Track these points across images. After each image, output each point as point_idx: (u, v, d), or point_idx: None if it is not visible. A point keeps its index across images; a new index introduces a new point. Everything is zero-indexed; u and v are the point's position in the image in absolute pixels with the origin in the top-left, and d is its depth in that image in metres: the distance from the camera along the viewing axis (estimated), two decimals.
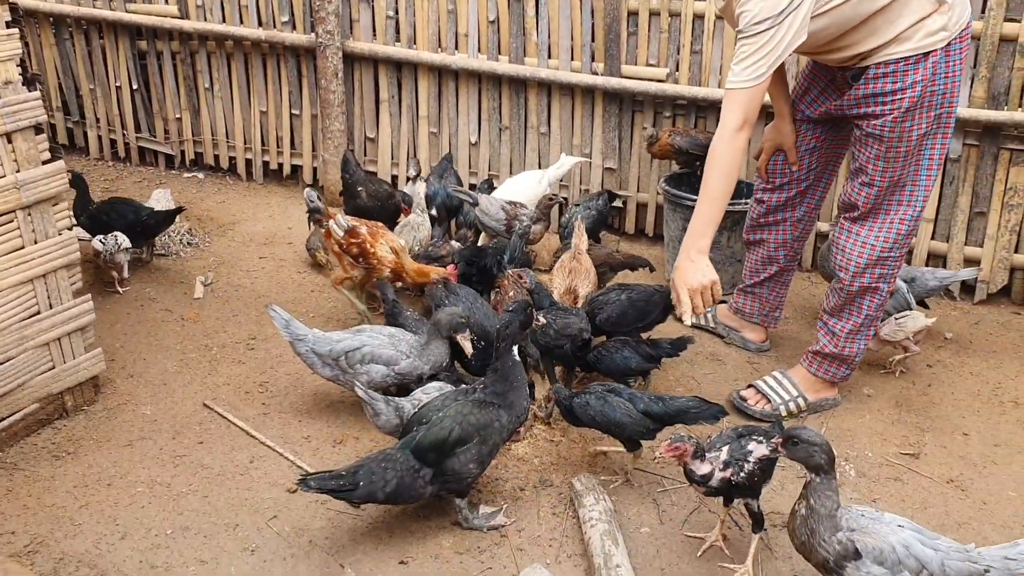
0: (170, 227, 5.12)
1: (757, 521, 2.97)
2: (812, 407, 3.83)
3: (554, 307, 3.91)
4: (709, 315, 4.46)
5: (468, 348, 3.58)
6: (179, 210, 5.05)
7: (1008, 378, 4.11)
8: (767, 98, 3.60)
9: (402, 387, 3.65)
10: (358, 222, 4.37)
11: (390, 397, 3.34)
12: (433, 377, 3.62)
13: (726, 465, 2.91)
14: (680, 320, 3.44)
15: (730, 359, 4.24)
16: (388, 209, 4.99)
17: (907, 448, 3.62)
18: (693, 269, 3.35)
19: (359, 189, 4.98)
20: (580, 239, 4.41)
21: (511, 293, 3.96)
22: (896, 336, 4.01)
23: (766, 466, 2.93)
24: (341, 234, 4.29)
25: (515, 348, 3.08)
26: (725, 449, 2.93)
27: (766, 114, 4.89)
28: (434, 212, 5.02)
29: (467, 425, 3.01)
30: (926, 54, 3.26)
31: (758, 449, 2.91)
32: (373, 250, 4.21)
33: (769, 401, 3.81)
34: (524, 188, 5.03)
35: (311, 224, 4.79)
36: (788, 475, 3.41)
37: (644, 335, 3.93)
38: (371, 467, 2.97)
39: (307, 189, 4.94)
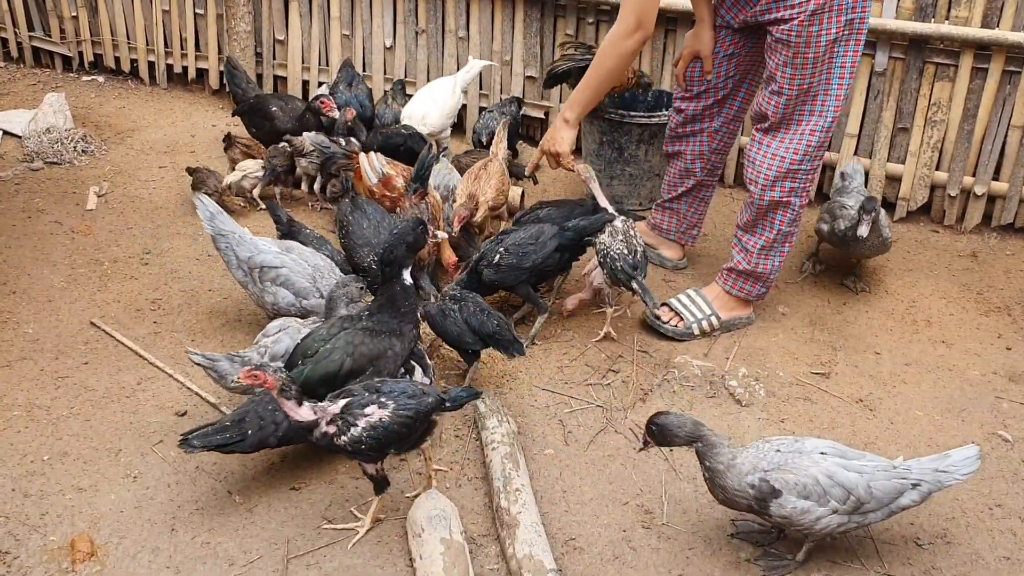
0: None
1: (376, 484, 2.69)
2: (725, 325, 3.76)
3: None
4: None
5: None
6: None
7: (923, 296, 4.08)
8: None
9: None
10: (394, 169, 4.07)
11: (235, 353, 3.04)
12: None
13: (332, 420, 2.54)
14: None
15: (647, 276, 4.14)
16: (307, 125, 4.63)
17: (818, 367, 3.57)
18: (551, 134, 3.77)
19: (273, 109, 4.65)
20: (499, 146, 4.23)
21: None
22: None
23: (383, 435, 2.53)
24: (374, 181, 4.03)
25: (406, 272, 2.89)
26: (342, 403, 2.56)
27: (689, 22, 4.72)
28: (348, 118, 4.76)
29: (359, 356, 2.81)
30: None
31: (375, 413, 2.53)
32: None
33: (682, 319, 3.73)
34: (438, 101, 4.80)
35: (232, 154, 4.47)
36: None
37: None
38: (258, 412, 2.76)
39: (309, 133, 4.42)
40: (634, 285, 3.52)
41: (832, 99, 3.39)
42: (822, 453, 2.56)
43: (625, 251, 3.49)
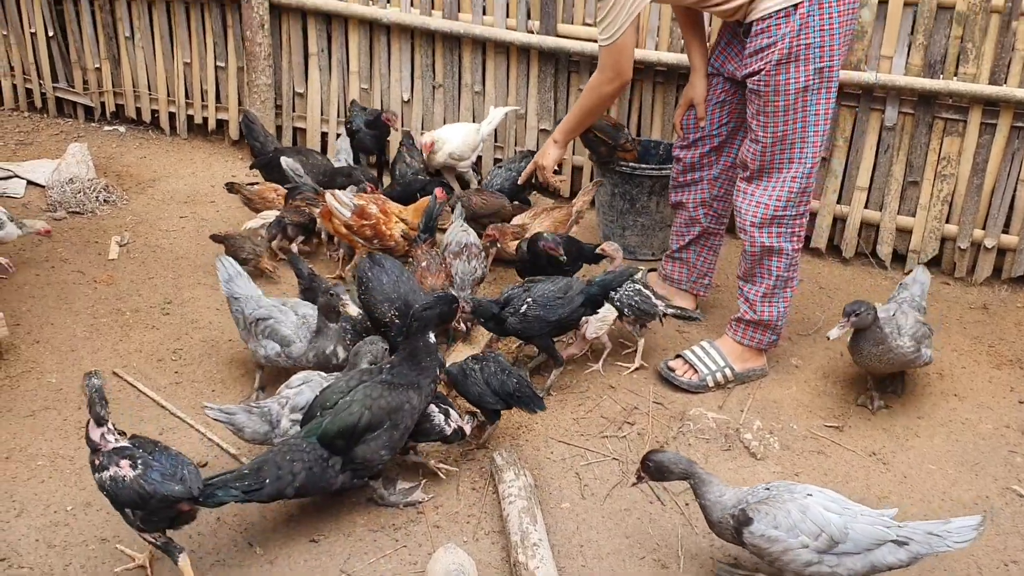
0: None
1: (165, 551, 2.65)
2: (739, 377, 3.79)
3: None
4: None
5: (352, 311, 3.42)
6: None
7: (935, 349, 4.10)
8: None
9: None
10: (363, 199, 4.16)
11: (252, 403, 3.10)
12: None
13: (104, 453, 2.58)
14: None
15: (660, 328, 4.18)
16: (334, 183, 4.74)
17: (832, 420, 3.60)
18: (543, 150, 4.26)
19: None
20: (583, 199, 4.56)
21: (424, 263, 3.82)
22: (600, 332, 3.79)
23: (118, 493, 2.53)
24: (347, 215, 4.10)
25: (431, 334, 2.95)
26: (124, 443, 2.60)
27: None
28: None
29: (377, 409, 2.85)
30: (795, 6, 3.28)
31: (123, 468, 2.54)
32: (390, 232, 4.06)
33: (696, 371, 3.76)
34: (460, 130, 5.00)
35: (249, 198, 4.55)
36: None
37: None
38: (276, 461, 2.78)
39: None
40: (665, 311, 3.86)
41: (809, 146, 3.48)
42: (809, 495, 2.62)
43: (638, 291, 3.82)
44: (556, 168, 4.36)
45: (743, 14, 3.43)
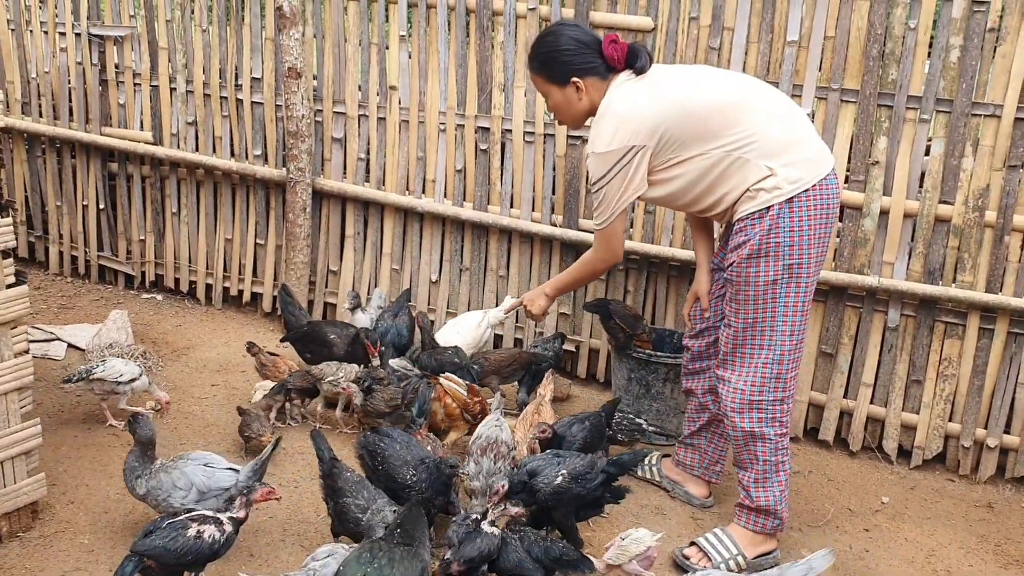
0: None
1: None
2: (752, 566, 3.88)
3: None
4: (655, 468, 4.54)
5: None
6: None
7: (942, 546, 4.20)
8: None
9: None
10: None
11: (285, 575, 3.21)
12: None
13: None
14: None
15: (674, 514, 4.29)
16: (356, 352, 4.95)
17: None
18: (534, 298, 4.48)
19: (331, 336, 4.99)
20: (546, 388, 4.55)
21: (429, 448, 3.92)
22: (620, 559, 3.49)
23: None
24: (465, 393, 4.42)
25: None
26: None
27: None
28: (383, 348, 5.04)
29: (407, 565, 3.02)
30: (767, 209, 3.59)
31: None
32: (486, 405, 4.41)
33: (710, 559, 3.85)
34: (462, 332, 5.15)
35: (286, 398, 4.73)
36: None
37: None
38: None
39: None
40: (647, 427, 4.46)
41: (779, 334, 3.70)
42: None
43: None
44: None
45: (730, 215, 3.76)
